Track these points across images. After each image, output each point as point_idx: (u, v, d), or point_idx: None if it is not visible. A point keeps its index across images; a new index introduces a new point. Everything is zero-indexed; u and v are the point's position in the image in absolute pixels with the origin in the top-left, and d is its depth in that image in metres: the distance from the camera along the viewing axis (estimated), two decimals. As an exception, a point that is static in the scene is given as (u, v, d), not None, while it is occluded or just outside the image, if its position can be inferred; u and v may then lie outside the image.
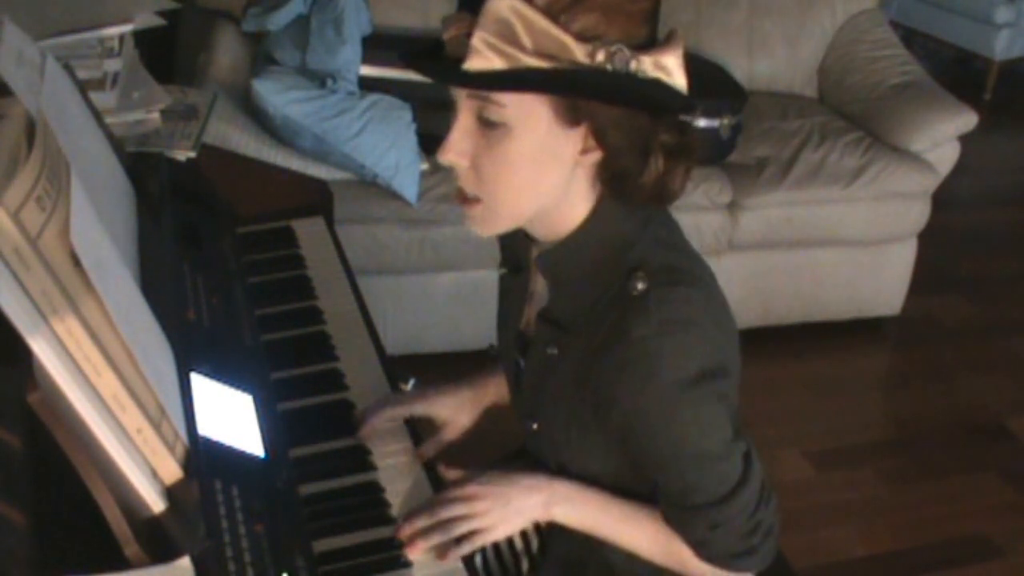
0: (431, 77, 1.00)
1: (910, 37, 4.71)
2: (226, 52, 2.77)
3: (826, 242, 2.96)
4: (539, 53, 0.95)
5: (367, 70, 2.75)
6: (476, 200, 1.05)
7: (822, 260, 2.99)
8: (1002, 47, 4.64)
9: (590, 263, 1.08)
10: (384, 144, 2.57)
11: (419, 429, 1.34)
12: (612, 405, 1.07)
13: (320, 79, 2.64)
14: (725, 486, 1.10)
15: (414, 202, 2.61)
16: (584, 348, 1.08)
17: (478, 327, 2.78)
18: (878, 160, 2.92)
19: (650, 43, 0.99)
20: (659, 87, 0.99)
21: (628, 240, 1.07)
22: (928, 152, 2.96)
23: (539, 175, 1.03)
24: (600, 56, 0.95)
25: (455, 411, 1.37)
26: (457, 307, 2.77)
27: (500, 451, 1.46)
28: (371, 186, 2.61)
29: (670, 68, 0.99)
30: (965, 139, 2.98)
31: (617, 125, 1.00)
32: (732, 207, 2.82)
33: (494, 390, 1.40)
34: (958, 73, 4.85)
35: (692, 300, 1.05)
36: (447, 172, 2.67)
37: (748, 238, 2.86)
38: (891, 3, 4.84)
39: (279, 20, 2.77)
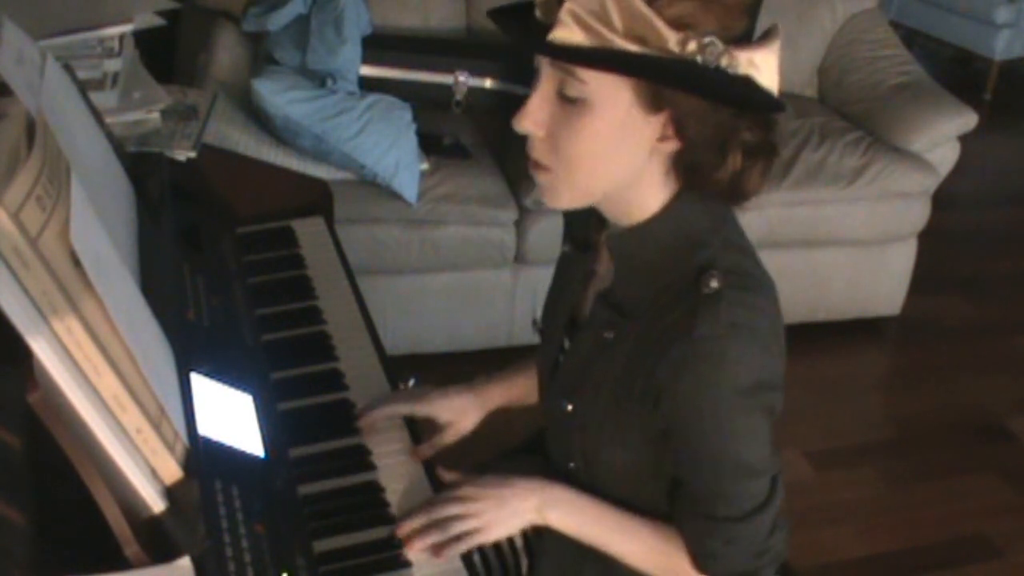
0: (514, 41, 0.97)
1: (910, 37, 4.71)
2: (226, 52, 2.77)
3: (826, 242, 2.95)
4: (629, 35, 0.92)
5: (367, 70, 2.75)
6: (548, 168, 1.03)
7: (822, 260, 2.99)
8: (1002, 47, 4.64)
9: (661, 253, 1.07)
10: (384, 144, 2.57)
11: (418, 429, 1.33)
12: (664, 398, 1.05)
13: (320, 79, 2.64)
14: (751, 503, 1.10)
15: (414, 202, 2.60)
16: (642, 336, 1.07)
17: (478, 327, 2.79)
18: (878, 160, 2.91)
19: (746, 37, 0.96)
20: (748, 85, 0.96)
21: (702, 238, 1.06)
22: (928, 152, 2.96)
23: (613, 155, 1.01)
24: (692, 46, 0.92)
25: (457, 415, 1.36)
26: (457, 307, 2.77)
27: (499, 450, 1.46)
28: (371, 186, 2.61)
29: (762, 66, 0.96)
30: (965, 139, 2.98)
31: (698, 117, 0.97)
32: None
33: (499, 396, 1.39)
34: (958, 73, 4.85)
35: (760, 308, 1.04)
36: (447, 172, 2.68)
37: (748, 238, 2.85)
38: (891, 3, 4.84)
39: (279, 20, 2.77)
